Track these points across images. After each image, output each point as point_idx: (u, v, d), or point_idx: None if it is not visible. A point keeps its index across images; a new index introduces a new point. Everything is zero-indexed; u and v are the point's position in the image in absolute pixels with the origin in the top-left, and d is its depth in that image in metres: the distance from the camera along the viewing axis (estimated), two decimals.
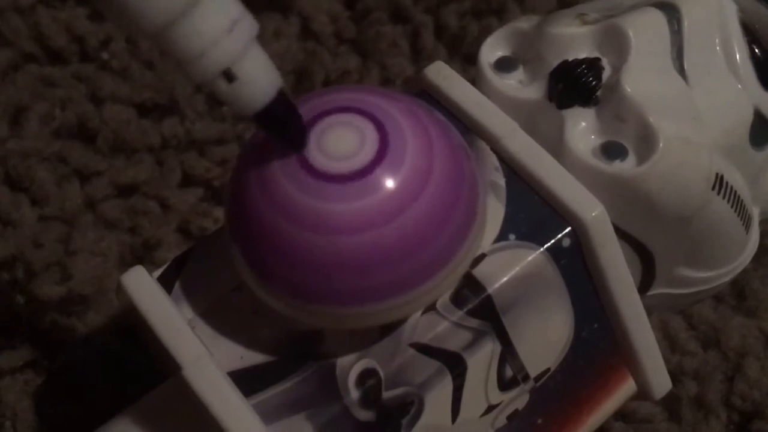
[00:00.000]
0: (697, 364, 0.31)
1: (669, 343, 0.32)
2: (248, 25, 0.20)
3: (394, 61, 0.38)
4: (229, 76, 0.20)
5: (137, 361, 0.31)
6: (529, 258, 0.24)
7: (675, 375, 0.31)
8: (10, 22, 0.38)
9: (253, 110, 0.20)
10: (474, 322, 0.23)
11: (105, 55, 0.38)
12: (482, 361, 0.24)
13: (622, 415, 0.31)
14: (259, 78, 0.20)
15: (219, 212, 0.35)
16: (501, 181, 0.25)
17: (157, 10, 0.19)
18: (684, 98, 0.26)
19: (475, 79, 0.27)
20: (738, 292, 0.33)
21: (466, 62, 0.38)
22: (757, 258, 0.31)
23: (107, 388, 0.31)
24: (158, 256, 0.34)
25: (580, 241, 0.24)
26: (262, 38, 0.38)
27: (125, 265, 0.33)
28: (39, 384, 0.31)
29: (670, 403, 0.31)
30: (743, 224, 0.28)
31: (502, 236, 0.24)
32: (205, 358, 0.23)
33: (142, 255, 0.34)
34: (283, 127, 0.21)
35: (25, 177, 0.35)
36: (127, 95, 0.37)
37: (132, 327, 0.31)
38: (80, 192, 0.35)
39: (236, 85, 0.20)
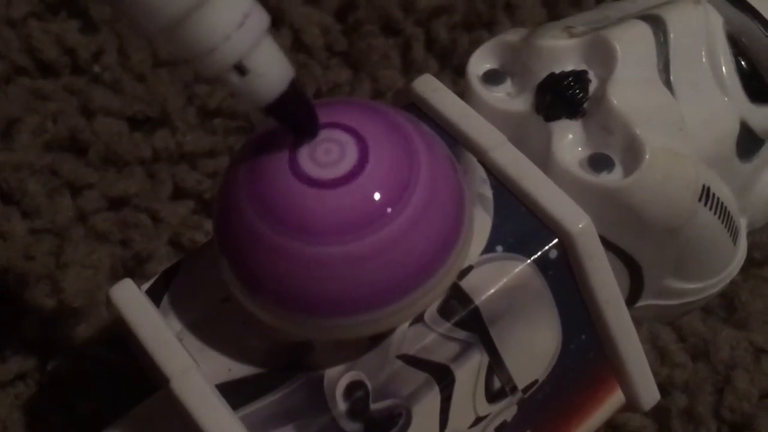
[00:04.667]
0: (687, 376, 0.32)
1: (658, 355, 0.32)
2: (259, 17, 0.20)
3: (385, 73, 0.38)
4: (241, 69, 0.20)
5: (128, 373, 0.31)
6: (517, 270, 0.24)
7: (664, 387, 0.31)
8: (1, 34, 0.38)
9: (266, 102, 0.21)
10: (461, 334, 0.23)
11: (96, 68, 0.38)
12: (470, 372, 0.24)
13: (611, 427, 0.31)
14: (272, 70, 0.20)
15: (210, 225, 0.34)
16: (488, 192, 0.25)
17: (171, 4, 0.19)
18: (670, 110, 0.26)
19: (463, 92, 0.27)
20: (727, 304, 0.33)
21: (457, 75, 0.38)
22: (745, 270, 0.31)
23: (98, 400, 0.31)
24: (149, 268, 0.34)
25: (567, 252, 0.24)
26: None
27: (116, 277, 0.33)
28: (29, 397, 0.31)
29: (660, 415, 0.31)
30: (730, 236, 0.28)
31: (489, 248, 0.24)
32: (192, 370, 0.23)
33: (134, 268, 0.34)
34: (295, 117, 0.21)
35: (17, 189, 0.35)
36: (119, 108, 0.37)
37: (122, 339, 0.31)
38: (71, 204, 0.35)
39: (248, 78, 0.20)
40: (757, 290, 0.33)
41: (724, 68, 0.27)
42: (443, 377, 0.23)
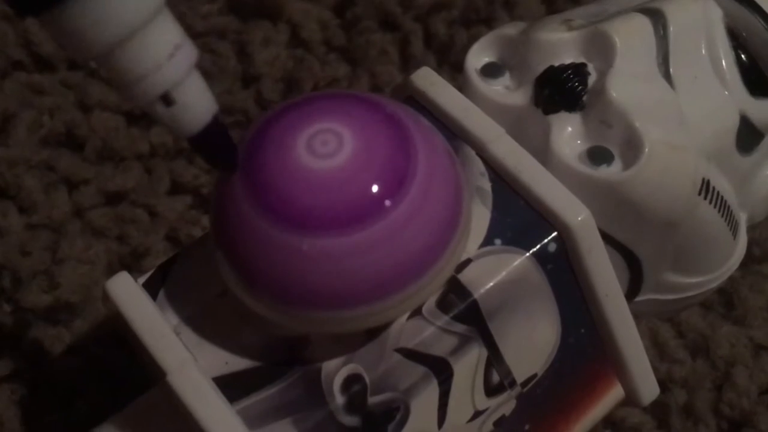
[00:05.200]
0: (686, 373, 0.31)
1: (658, 351, 0.32)
2: (189, 50, 0.20)
3: (383, 69, 0.38)
4: (167, 100, 0.20)
5: (124, 369, 0.31)
6: (515, 263, 0.24)
7: (664, 383, 0.31)
8: None
9: (189, 133, 0.21)
10: (460, 327, 0.23)
11: (93, 63, 0.38)
12: (468, 366, 0.24)
13: (611, 423, 0.31)
14: (197, 103, 0.21)
15: (207, 220, 0.34)
16: (487, 186, 0.25)
17: (103, 34, 0.19)
18: (670, 103, 0.26)
19: (462, 85, 0.27)
20: (727, 300, 0.33)
21: (455, 70, 0.38)
22: (745, 266, 0.31)
23: (94, 396, 0.31)
24: (146, 264, 0.33)
25: (566, 246, 0.24)
26: (251, 46, 0.39)
27: (113, 273, 0.32)
28: (25, 393, 0.31)
29: (659, 411, 0.31)
30: (730, 230, 0.28)
31: (487, 241, 0.24)
32: (189, 363, 0.23)
33: (131, 263, 0.34)
34: (217, 151, 0.22)
35: (13, 185, 0.35)
36: (116, 103, 0.37)
37: (119, 335, 0.31)
38: (68, 200, 0.35)
39: (174, 109, 0.20)
40: (757, 286, 0.33)
41: (723, 61, 0.27)
42: (442, 371, 0.23)
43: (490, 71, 0.27)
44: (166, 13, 0.20)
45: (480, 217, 0.24)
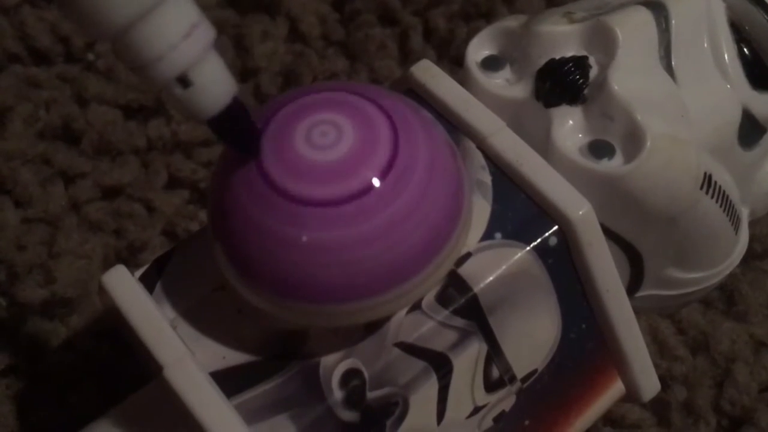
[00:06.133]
0: (687, 369, 0.31)
1: (658, 348, 0.32)
2: (206, 30, 0.20)
3: (382, 63, 0.38)
4: (184, 81, 0.20)
5: (120, 364, 0.31)
6: (516, 257, 0.24)
7: (664, 380, 0.31)
8: None
9: (207, 116, 0.20)
10: (460, 322, 0.23)
11: (90, 56, 0.38)
12: (468, 361, 0.23)
13: (611, 420, 0.31)
14: (215, 84, 0.20)
15: (205, 214, 0.34)
16: (487, 179, 0.25)
17: (118, 12, 0.18)
18: (672, 97, 0.26)
19: (462, 79, 0.27)
20: (727, 296, 0.33)
21: (455, 64, 0.38)
22: (745, 262, 0.31)
23: (90, 391, 0.31)
24: (143, 258, 0.33)
25: (567, 240, 0.24)
26: (249, 39, 0.39)
27: (109, 267, 0.33)
28: (21, 388, 0.31)
29: (660, 408, 0.31)
30: (732, 224, 0.28)
31: (488, 235, 0.24)
32: (186, 358, 0.22)
33: (127, 257, 0.34)
34: (237, 134, 0.21)
35: (9, 179, 0.34)
36: (113, 96, 0.36)
37: (115, 330, 0.31)
38: (64, 194, 0.35)
39: (191, 91, 0.20)
40: (757, 283, 0.33)
41: (726, 55, 0.27)
42: (441, 366, 0.23)
43: (490, 64, 0.27)
44: None
45: (480, 211, 0.24)
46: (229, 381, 0.23)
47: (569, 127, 0.25)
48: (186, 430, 0.22)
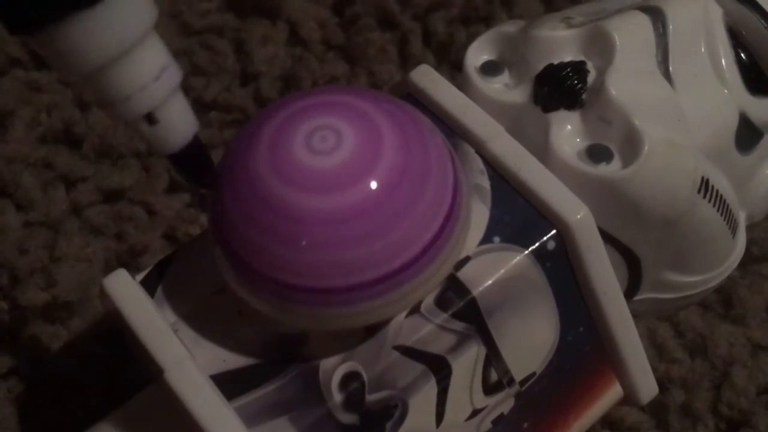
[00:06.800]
0: (685, 372, 0.31)
1: (656, 350, 0.32)
2: (174, 72, 0.21)
3: (382, 67, 0.38)
4: (151, 119, 0.21)
5: (121, 367, 0.31)
6: (514, 260, 0.24)
7: (662, 383, 0.31)
8: None
9: (170, 151, 0.22)
10: (458, 325, 0.23)
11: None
12: (467, 364, 0.24)
13: (609, 423, 0.31)
14: (179, 122, 0.21)
15: (205, 218, 0.34)
16: (486, 183, 0.25)
17: (94, 55, 0.19)
18: (669, 101, 0.26)
19: (461, 83, 0.27)
20: (725, 299, 0.33)
21: (454, 69, 0.38)
22: (743, 265, 0.31)
23: (91, 394, 0.31)
24: (144, 262, 0.33)
25: (565, 243, 0.24)
26: (250, 43, 0.39)
27: (110, 271, 0.33)
28: (22, 391, 0.31)
29: (658, 411, 0.31)
30: (729, 228, 0.28)
31: (486, 239, 0.24)
32: (187, 361, 0.23)
33: (128, 261, 0.34)
34: (195, 168, 0.22)
35: (11, 182, 0.34)
36: None
37: (116, 333, 0.31)
38: (66, 198, 0.35)
39: (157, 128, 0.21)
40: (755, 286, 0.33)
41: (723, 60, 0.27)
42: (440, 369, 0.23)
43: (489, 69, 0.27)
44: (154, 35, 0.20)
45: (479, 215, 0.24)
46: (229, 384, 0.23)
47: (567, 131, 0.25)
48: None
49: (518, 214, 0.24)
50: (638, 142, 0.24)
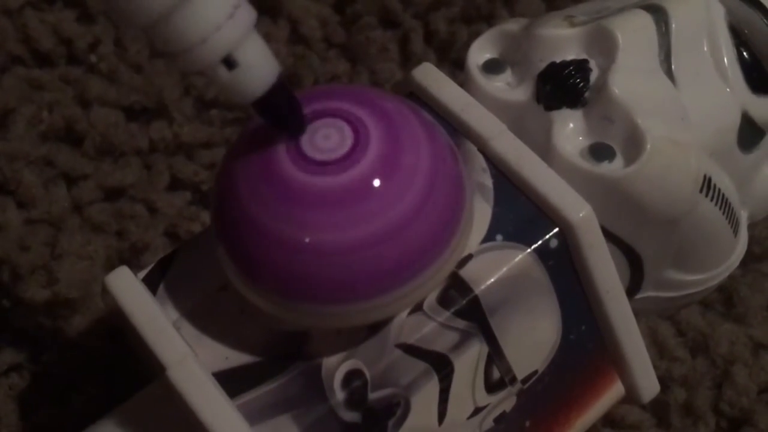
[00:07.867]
0: (686, 371, 0.31)
1: (657, 349, 0.32)
2: (247, 11, 0.20)
3: (383, 66, 0.38)
4: (229, 62, 0.19)
5: (123, 364, 0.31)
6: (517, 259, 0.24)
7: (663, 381, 0.31)
8: None
9: (253, 97, 0.20)
10: (461, 323, 0.23)
11: (93, 58, 0.38)
12: (469, 362, 0.24)
13: (610, 421, 0.31)
14: (260, 64, 0.20)
15: (207, 216, 0.34)
16: (488, 182, 0.25)
17: None
18: (672, 100, 0.26)
19: (463, 82, 0.27)
20: (726, 298, 0.33)
21: (456, 67, 0.38)
22: (744, 264, 0.31)
23: (93, 392, 0.31)
24: (145, 259, 0.33)
25: (568, 242, 0.24)
26: None
27: (112, 269, 0.33)
28: (24, 388, 0.31)
29: (659, 409, 0.31)
30: (731, 227, 0.28)
31: (489, 237, 0.24)
32: (189, 358, 0.23)
33: (130, 259, 0.34)
34: (283, 113, 0.21)
35: (12, 180, 0.34)
36: (115, 98, 0.37)
37: (118, 330, 0.31)
38: (67, 195, 0.35)
39: (237, 72, 0.20)
40: (756, 285, 0.33)
41: (725, 58, 0.27)
42: (442, 367, 0.23)
43: (491, 67, 0.27)
44: None
45: (481, 213, 0.24)
46: (231, 381, 0.23)
47: (570, 130, 0.25)
48: (189, 431, 0.22)
49: (521, 212, 0.24)
50: (641, 140, 0.25)
